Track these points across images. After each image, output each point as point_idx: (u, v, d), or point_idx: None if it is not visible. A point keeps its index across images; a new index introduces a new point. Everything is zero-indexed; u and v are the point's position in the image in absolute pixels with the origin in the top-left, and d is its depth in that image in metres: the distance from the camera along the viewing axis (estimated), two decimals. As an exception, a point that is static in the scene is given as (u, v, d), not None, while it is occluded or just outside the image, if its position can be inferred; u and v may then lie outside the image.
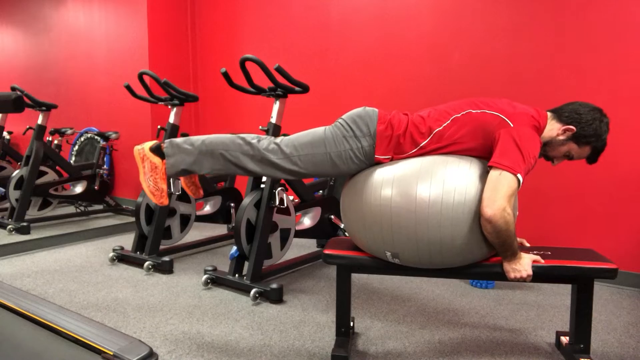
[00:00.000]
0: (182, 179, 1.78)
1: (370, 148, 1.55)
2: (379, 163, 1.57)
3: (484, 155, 1.49)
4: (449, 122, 1.52)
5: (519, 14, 2.75)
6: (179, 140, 1.64)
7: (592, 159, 1.60)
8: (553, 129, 1.55)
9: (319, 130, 1.60)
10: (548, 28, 2.66)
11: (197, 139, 1.63)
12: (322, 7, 3.60)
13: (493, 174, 1.39)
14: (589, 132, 1.52)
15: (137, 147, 1.67)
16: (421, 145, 1.52)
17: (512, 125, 1.45)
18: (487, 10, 2.86)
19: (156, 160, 1.63)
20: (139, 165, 1.65)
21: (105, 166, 4.39)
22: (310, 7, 3.67)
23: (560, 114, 1.56)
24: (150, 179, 1.63)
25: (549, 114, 1.58)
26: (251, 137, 1.61)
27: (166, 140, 1.65)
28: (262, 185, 2.40)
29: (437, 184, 1.42)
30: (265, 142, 1.60)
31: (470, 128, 1.50)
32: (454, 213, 1.40)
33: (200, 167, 1.62)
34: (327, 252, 1.66)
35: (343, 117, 1.60)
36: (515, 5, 2.76)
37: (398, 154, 1.55)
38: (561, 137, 1.55)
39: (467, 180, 1.42)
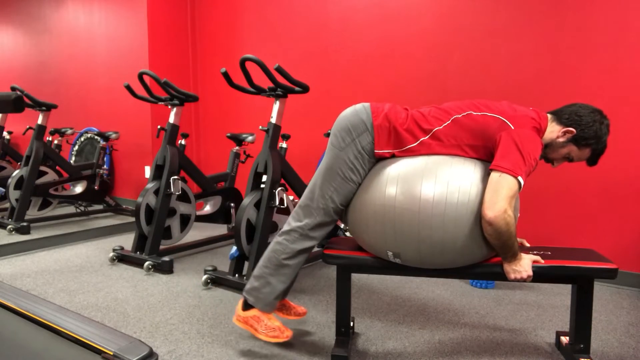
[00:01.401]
0: (280, 315, 1.83)
1: (370, 145, 1.54)
2: (380, 158, 1.56)
3: (485, 157, 1.49)
4: (449, 122, 1.52)
5: (519, 14, 2.75)
6: (249, 285, 1.68)
7: (592, 161, 1.60)
8: (553, 131, 1.55)
9: (322, 165, 1.61)
10: (548, 28, 2.66)
11: (258, 268, 1.67)
12: (321, 7, 3.60)
13: (494, 176, 1.39)
14: (589, 134, 1.52)
15: (235, 320, 1.70)
16: (421, 140, 1.52)
17: (512, 127, 1.45)
18: (487, 10, 2.86)
19: (253, 313, 1.66)
20: (250, 330, 1.67)
21: (105, 166, 4.39)
22: (310, 7, 3.67)
23: (560, 116, 1.56)
24: (265, 329, 1.65)
25: (549, 115, 1.58)
26: (285, 226, 1.65)
27: (244, 292, 1.69)
28: (262, 185, 2.40)
29: (441, 184, 1.42)
30: (295, 215, 1.63)
31: (470, 130, 1.49)
32: (457, 214, 1.40)
33: (282, 284, 1.65)
34: (327, 252, 1.66)
35: (333, 129, 1.61)
36: (515, 5, 2.76)
37: (398, 147, 1.54)
38: (561, 139, 1.55)
39: (472, 181, 1.42)
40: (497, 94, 2.78)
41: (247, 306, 1.68)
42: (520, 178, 1.38)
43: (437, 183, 1.42)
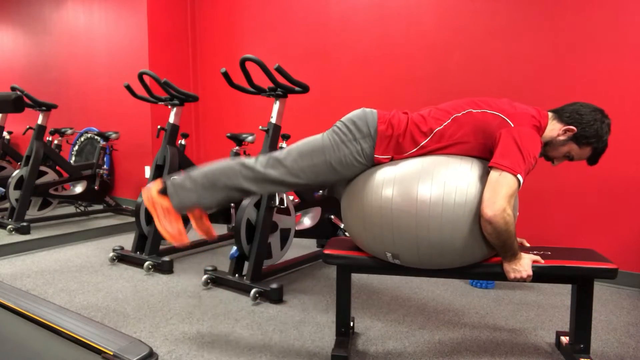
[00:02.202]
0: (192, 220, 1.72)
1: (371, 149, 1.54)
2: (379, 163, 1.56)
3: (485, 155, 1.49)
4: (449, 121, 1.52)
5: (519, 14, 2.75)
6: (179, 179, 1.61)
7: (592, 160, 1.59)
8: (554, 129, 1.55)
9: (317, 138, 1.58)
10: (548, 28, 2.66)
11: (198, 173, 1.60)
12: (321, 7, 3.60)
13: (493, 174, 1.39)
14: (590, 133, 1.52)
15: (143, 194, 1.62)
16: (421, 144, 1.52)
17: (512, 125, 1.45)
18: (487, 10, 2.86)
19: (165, 202, 1.59)
20: (151, 211, 1.61)
21: (105, 166, 4.39)
22: (310, 7, 3.67)
23: (561, 114, 1.56)
24: (166, 222, 1.60)
25: (550, 114, 1.58)
26: (250, 161, 1.59)
27: (167, 181, 1.62)
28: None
29: (438, 185, 1.42)
30: (264, 160, 1.57)
31: (470, 128, 1.49)
32: (454, 214, 1.40)
33: (207, 202, 1.60)
34: (327, 252, 1.66)
35: (342, 119, 1.59)
36: (515, 5, 2.76)
37: (398, 153, 1.54)
38: (562, 138, 1.54)
39: (469, 180, 1.42)
40: (497, 93, 2.77)
41: (164, 192, 1.61)
42: (519, 176, 1.37)
43: (433, 184, 1.42)
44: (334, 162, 1.53)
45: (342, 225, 2.88)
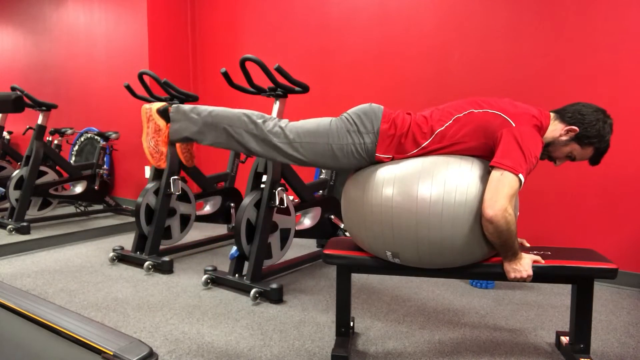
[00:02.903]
0: (178, 144, 1.74)
1: (372, 145, 1.55)
2: (379, 162, 1.56)
3: (486, 154, 1.49)
4: (451, 121, 1.52)
5: (519, 14, 2.75)
6: (186, 107, 1.64)
7: (594, 160, 1.59)
8: (556, 129, 1.55)
9: (325, 120, 1.60)
10: (548, 28, 2.66)
11: (205, 109, 1.63)
12: (322, 7, 3.60)
13: (495, 174, 1.39)
14: (592, 133, 1.52)
15: (145, 106, 1.66)
16: (423, 145, 1.52)
17: (514, 124, 1.45)
18: (487, 11, 2.86)
19: (161, 123, 1.63)
20: (143, 124, 1.64)
21: (105, 166, 4.39)
22: (310, 7, 3.67)
23: (563, 115, 1.56)
24: (152, 140, 1.64)
25: (551, 114, 1.58)
26: (257, 116, 1.62)
27: (173, 105, 1.65)
28: (262, 186, 2.40)
29: (438, 184, 1.42)
30: (271, 123, 1.60)
31: (472, 127, 1.49)
32: (455, 213, 1.40)
33: (203, 138, 1.63)
34: (327, 252, 1.66)
35: (349, 111, 1.61)
36: (515, 6, 2.76)
37: (399, 153, 1.54)
38: (564, 138, 1.54)
39: (469, 180, 1.42)
40: (497, 93, 2.76)
41: (164, 115, 1.64)
42: (521, 176, 1.38)
43: (433, 183, 1.42)
44: (335, 147, 1.55)
45: (342, 225, 2.88)
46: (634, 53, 2.43)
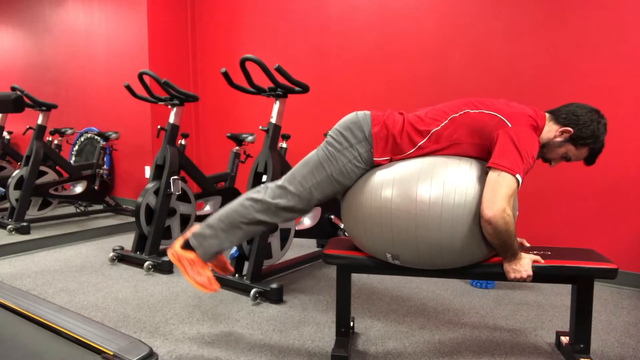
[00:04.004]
0: (211, 264, 1.75)
1: (368, 153, 1.54)
2: (378, 165, 1.56)
3: (483, 155, 1.49)
4: (446, 122, 1.52)
5: (519, 14, 2.75)
6: (199, 229, 1.65)
7: (589, 160, 1.60)
8: (551, 130, 1.55)
9: (313, 155, 1.59)
10: (548, 28, 2.66)
11: (215, 218, 1.64)
12: (322, 7, 3.60)
13: (492, 175, 1.39)
14: (587, 134, 1.52)
15: (169, 252, 1.67)
16: (419, 144, 1.52)
17: (510, 125, 1.45)
18: (487, 10, 2.86)
19: (190, 255, 1.63)
20: (179, 268, 1.65)
21: (105, 166, 4.39)
22: (310, 7, 3.67)
23: (557, 116, 1.56)
24: (194, 274, 1.63)
25: (546, 115, 1.58)
26: (256, 192, 1.61)
27: (189, 235, 1.66)
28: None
29: (437, 185, 1.42)
30: (270, 191, 1.59)
31: (468, 128, 1.49)
32: (454, 214, 1.40)
33: (230, 243, 1.63)
34: (327, 252, 1.66)
35: (335, 127, 1.60)
36: (515, 5, 2.76)
37: (396, 154, 1.54)
38: (559, 139, 1.55)
39: (468, 181, 1.42)
40: (498, 93, 2.78)
41: (187, 246, 1.65)
42: (518, 176, 1.38)
43: (432, 185, 1.42)
44: (335, 174, 1.54)
45: (342, 225, 2.88)
46: (634, 53, 2.42)
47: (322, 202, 1.60)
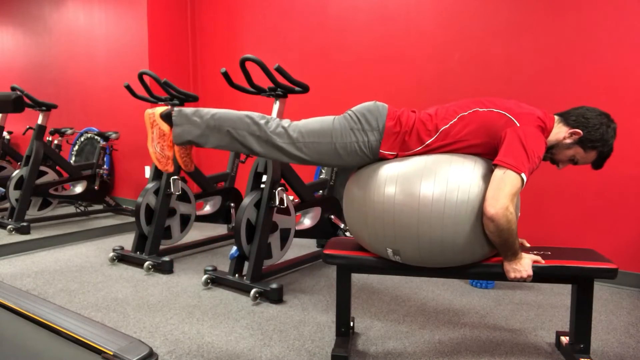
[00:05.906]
0: (177, 147, 1.71)
1: (377, 143, 1.55)
2: (383, 158, 1.57)
3: (489, 153, 1.49)
4: (455, 119, 1.52)
5: (519, 14, 2.75)
6: (188, 110, 1.63)
7: (597, 164, 1.60)
8: (560, 132, 1.55)
9: (328, 119, 1.59)
10: (548, 28, 2.66)
11: (207, 112, 1.62)
12: (322, 7, 3.60)
13: (497, 172, 1.39)
14: (596, 137, 1.53)
15: (148, 111, 1.65)
16: (427, 143, 1.52)
17: (518, 124, 1.45)
18: (487, 10, 2.86)
19: (165, 127, 1.62)
20: (147, 130, 1.64)
21: (105, 166, 4.39)
22: (310, 7, 3.67)
23: (567, 118, 1.57)
24: (157, 145, 1.63)
25: (555, 117, 1.59)
26: (260, 117, 1.61)
27: (176, 109, 1.64)
28: (262, 186, 2.40)
29: (440, 183, 1.42)
30: (273, 124, 1.59)
31: (476, 126, 1.50)
32: (456, 212, 1.40)
33: (206, 141, 1.62)
34: (327, 252, 1.66)
35: (353, 109, 1.60)
36: (515, 5, 2.76)
37: (403, 150, 1.55)
38: (567, 141, 1.55)
39: (471, 179, 1.42)
40: (498, 94, 2.78)
41: (167, 118, 1.63)
42: (523, 175, 1.38)
43: (436, 182, 1.43)
44: (338, 145, 1.55)
45: (342, 225, 2.88)
46: (634, 53, 2.42)
47: (309, 163, 1.60)
